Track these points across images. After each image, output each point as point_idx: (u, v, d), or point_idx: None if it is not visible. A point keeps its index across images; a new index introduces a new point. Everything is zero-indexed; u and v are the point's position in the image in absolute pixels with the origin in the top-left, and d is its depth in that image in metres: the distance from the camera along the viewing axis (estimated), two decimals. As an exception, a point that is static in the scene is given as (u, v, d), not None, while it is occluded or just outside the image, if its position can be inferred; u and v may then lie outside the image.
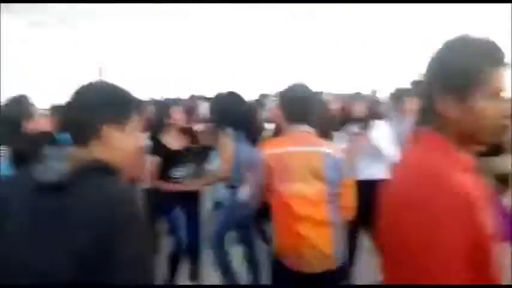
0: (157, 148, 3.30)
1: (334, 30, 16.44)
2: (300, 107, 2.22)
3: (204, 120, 4.12)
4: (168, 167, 3.32)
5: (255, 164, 2.27)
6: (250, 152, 2.91)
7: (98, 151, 1.22)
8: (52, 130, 2.57)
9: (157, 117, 3.57)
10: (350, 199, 2.22)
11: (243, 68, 18.79)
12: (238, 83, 12.17)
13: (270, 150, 2.20)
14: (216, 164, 3.60)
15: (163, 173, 3.31)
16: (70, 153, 1.21)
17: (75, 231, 1.07)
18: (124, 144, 1.26)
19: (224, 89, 3.66)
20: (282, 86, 2.37)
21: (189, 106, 5.17)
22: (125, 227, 1.11)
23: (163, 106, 3.56)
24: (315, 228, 2.08)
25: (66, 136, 2.32)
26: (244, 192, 2.43)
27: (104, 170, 1.20)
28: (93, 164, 1.19)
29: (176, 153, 3.39)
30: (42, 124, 2.46)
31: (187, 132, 3.58)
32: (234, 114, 3.31)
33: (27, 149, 1.82)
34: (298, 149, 2.15)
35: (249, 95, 5.00)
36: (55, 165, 1.17)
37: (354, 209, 2.25)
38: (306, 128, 2.21)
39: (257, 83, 13.80)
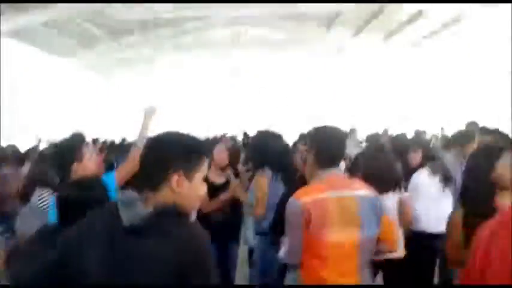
0: None
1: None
2: (334, 150, 2.18)
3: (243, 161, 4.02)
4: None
5: (287, 210, 2.16)
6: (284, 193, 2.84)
7: (167, 197, 1.36)
8: (99, 169, 2.57)
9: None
10: (391, 233, 2.20)
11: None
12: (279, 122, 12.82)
13: (308, 197, 2.08)
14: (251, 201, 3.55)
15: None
16: (140, 199, 1.35)
17: (157, 268, 1.25)
18: (191, 193, 1.41)
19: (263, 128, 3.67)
20: (310, 128, 2.33)
21: (234, 147, 5.22)
22: (201, 262, 1.31)
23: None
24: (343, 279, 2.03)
25: (111, 176, 2.44)
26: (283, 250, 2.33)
27: (177, 213, 1.36)
28: (168, 208, 1.34)
29: (219, 187, 3.47)
30: (90, 165, 2.44)
31: (228, 169, 3.65)
32: (272, 154, 3.24)
33: (76, 196, 1.79)
34: (337, 194, 2.07)
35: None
36: (127, 210, 1.31)
37: (396, 242, 2.23)
38: (338, 172, 2.20)
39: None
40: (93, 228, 1.35)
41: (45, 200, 2.73)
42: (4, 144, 6.70)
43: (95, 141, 8.65)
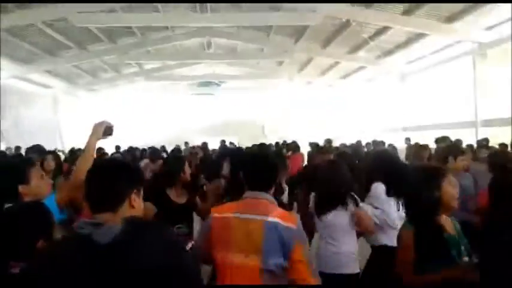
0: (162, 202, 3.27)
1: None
2: (258, 174, 2.17)
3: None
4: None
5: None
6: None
7: (126, 213, 1.50)
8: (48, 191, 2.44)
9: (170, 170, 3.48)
10: (303, 274, 1.99)
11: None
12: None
13: (218, 213, 2.14)
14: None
15: None
16: (102, 219, 1.44)
17: (148, 276, 1.32)
18: (141, 207, 1.60)
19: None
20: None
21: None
22: (185, 265, 1.44)
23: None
24: None
25: (52, 198, 2.31)
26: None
27: (149, 225, 1.52)
28: (139, 221, 1.48)
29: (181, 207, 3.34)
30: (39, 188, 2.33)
31: (189, 187, 3.53)
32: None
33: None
34: (242, 216, 2.06)
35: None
36: (97, 230, 1.38)
37: (308, 276, 2.00)
38: (261, 195, 2.13)
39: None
40: (67, 257, 1.38)
41: None
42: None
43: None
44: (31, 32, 11.35)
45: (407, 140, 12.81)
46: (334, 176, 3.31)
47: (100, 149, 8.12)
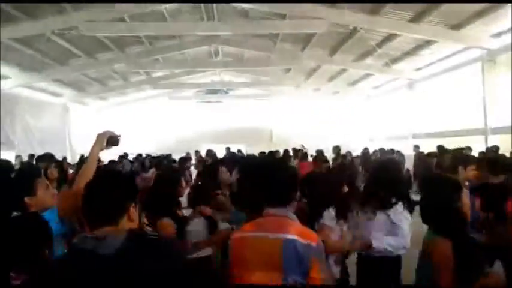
0: None
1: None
2: (279, 189, 2.13)
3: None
4: None
5: None
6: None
7: (126, 226, 1.52)
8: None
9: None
10: (318, 282, 1.99)
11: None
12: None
13: (238, 233, 2.15)
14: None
15: None
16: (104, 232, 1.45)
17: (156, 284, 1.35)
18: (137, 219, 1.63)
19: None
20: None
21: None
22: (189, 277, 1.47)
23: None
24: None
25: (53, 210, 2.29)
26: None
27: (150, 236, 1.52)
28: (139, 233, 1.55)
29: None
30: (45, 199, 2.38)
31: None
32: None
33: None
34: (260, 235, 2.04)
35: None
36: (101, 243, 1.40)
37: None
38: (281, 212, 2.10)
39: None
40: (71, 271, 1.39)
41: None
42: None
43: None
44: (40, 41, 11.50)
45: (416, 147, 12.72)
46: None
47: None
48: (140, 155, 13.58)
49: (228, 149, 13.27)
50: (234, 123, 22.91)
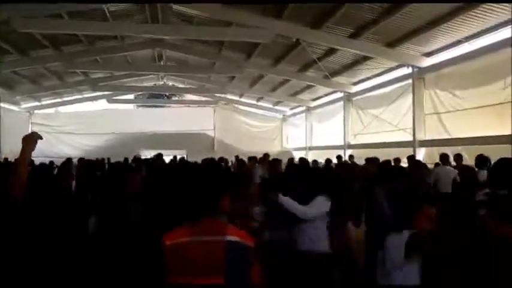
0: None
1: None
2: (207, 195, 2.13)
3: None
4: None
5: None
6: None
7: None
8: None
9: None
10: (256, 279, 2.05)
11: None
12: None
13: (169, 240, 2.03)
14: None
15: None
16: None
17: None
18: None
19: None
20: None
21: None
22: None
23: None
24: None
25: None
26: None
27: None
28: None
29: None
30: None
31: None
32: None
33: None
34: (200, 239, 2.01)
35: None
36: None
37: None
38: (215, 216, 2.10)
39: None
40: None
41: None
42: None
43: None
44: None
45: (351, 157, 13.30)
46: None
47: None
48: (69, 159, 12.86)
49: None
50: (176, 130, 22.53)
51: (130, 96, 24.16)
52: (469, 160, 8.26)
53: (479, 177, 5.72)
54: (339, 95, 16.99)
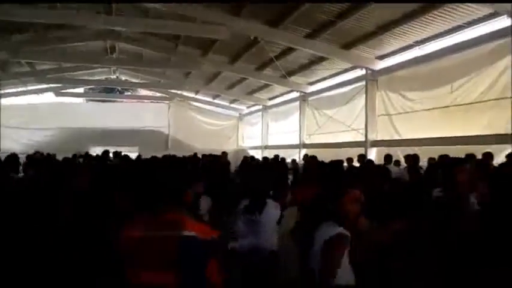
0: None
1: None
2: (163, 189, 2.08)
3: None
4: None
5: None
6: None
7: None
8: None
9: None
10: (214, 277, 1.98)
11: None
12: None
13: (125, 233, 1.99)
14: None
15: None
16: None
17: None
18: None
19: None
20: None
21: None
22: None
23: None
24: None
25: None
26: None
27: None
28: None
29: None
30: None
31: None
32: None
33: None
34: (149, 234, 1.96)
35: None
36: None
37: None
38: (173, 209, 2.03)
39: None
40: None
41: None
42: None
43: None
44: None
45: (306, 156, 13.48)
46: None
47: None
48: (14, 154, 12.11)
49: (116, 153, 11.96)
50: (128, 126, 21.82)
51: (80, 90, 23.13)
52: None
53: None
54: (295, 94, 17.18)
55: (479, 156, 6.91)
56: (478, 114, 8.81)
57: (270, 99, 19.96)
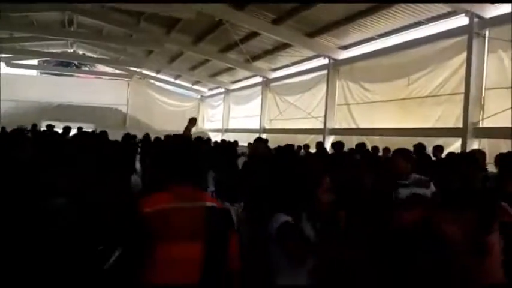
0: None
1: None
2: (183, 163, 2.07)
3: None
4: None
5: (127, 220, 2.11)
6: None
7: None
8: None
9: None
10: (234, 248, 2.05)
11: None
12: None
13: (150, 207, 1.92)
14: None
15: None
16: None
17: None
18: None
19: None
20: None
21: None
22: None
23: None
24: None
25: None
26: None
27: None
28: None
29: None
30: None
31: None
32: None
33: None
34: (182, 205, 1.96)
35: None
36: None
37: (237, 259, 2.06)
38: (187, 183, 2.05)
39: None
40: None
41: None
42: None
43: None
44: None
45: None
46: None
47: None
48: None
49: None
50: (85, 102, 21.04)
51: (34, 62, 21.99)
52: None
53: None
54: (258, 79, 17.20)
55: (430, 148, 7.27)
56: (432, 107, 9.22)
57: (233, 82, 19.87)
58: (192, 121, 4.19)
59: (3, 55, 18.99)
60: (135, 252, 1.90)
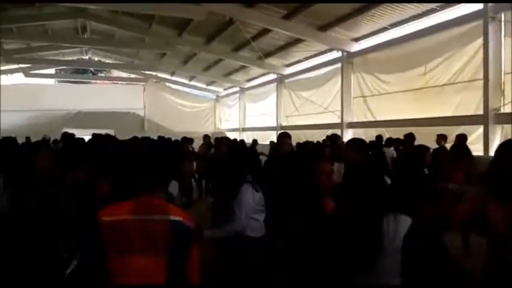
0: None
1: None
2: (145, 173, 1.99)
3: None
4: None
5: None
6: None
7: None
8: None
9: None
10: (193, 265, 1.96)
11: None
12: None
13: (108, 217, 1.90)
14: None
15: None
16: None
17: None
18: None
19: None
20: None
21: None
22: None
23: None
24: None
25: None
26: None
27: None
28: None
29: None
30: None
31: None
32: None
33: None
34: (141, 217, 1.90)
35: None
36: None
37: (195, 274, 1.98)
38: (152, 194, 1.98)
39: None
40: None
41: None
42: None
43: None
44: None
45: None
46: None
47: None
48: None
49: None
50: (102, 108, 21.33)
51: (51, 71, 22.41)
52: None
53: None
54: (272, 76, 17.11)
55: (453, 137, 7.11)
56: (451, 95, 8.98)
57: (247, 81, 19.82)
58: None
59: (22, 65, 19.38)
60: (92, 260, 1.88)
